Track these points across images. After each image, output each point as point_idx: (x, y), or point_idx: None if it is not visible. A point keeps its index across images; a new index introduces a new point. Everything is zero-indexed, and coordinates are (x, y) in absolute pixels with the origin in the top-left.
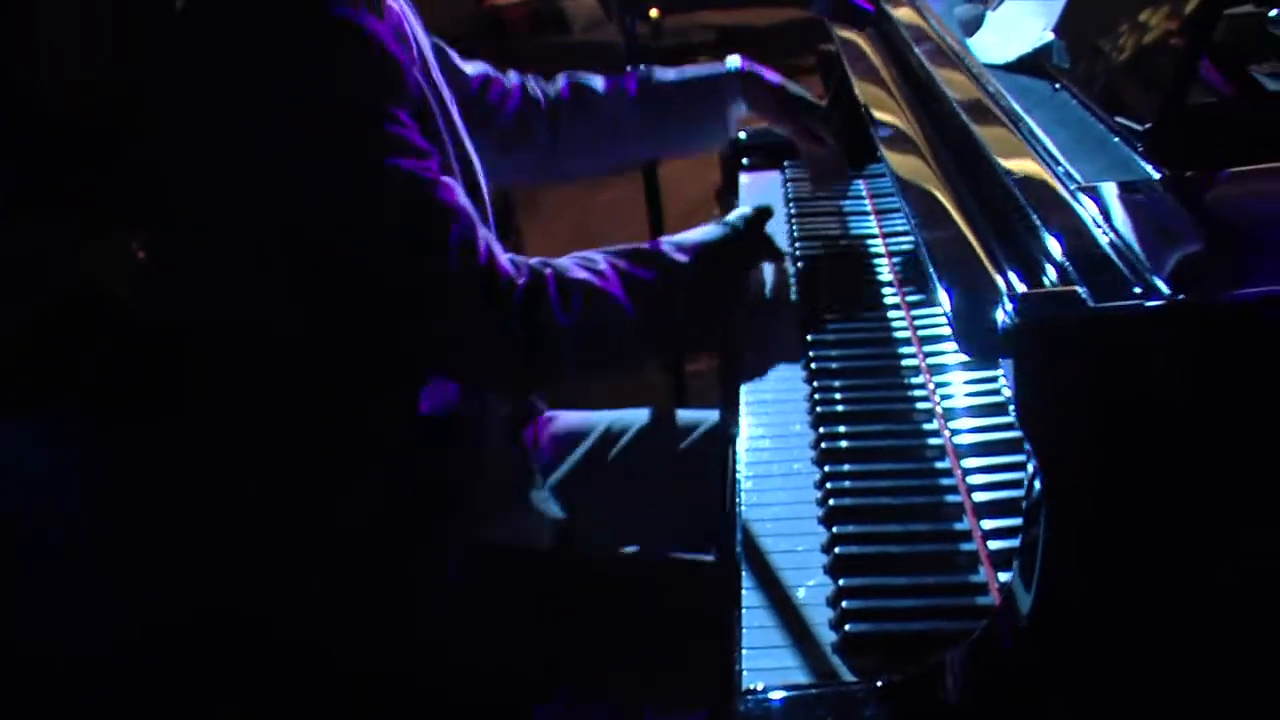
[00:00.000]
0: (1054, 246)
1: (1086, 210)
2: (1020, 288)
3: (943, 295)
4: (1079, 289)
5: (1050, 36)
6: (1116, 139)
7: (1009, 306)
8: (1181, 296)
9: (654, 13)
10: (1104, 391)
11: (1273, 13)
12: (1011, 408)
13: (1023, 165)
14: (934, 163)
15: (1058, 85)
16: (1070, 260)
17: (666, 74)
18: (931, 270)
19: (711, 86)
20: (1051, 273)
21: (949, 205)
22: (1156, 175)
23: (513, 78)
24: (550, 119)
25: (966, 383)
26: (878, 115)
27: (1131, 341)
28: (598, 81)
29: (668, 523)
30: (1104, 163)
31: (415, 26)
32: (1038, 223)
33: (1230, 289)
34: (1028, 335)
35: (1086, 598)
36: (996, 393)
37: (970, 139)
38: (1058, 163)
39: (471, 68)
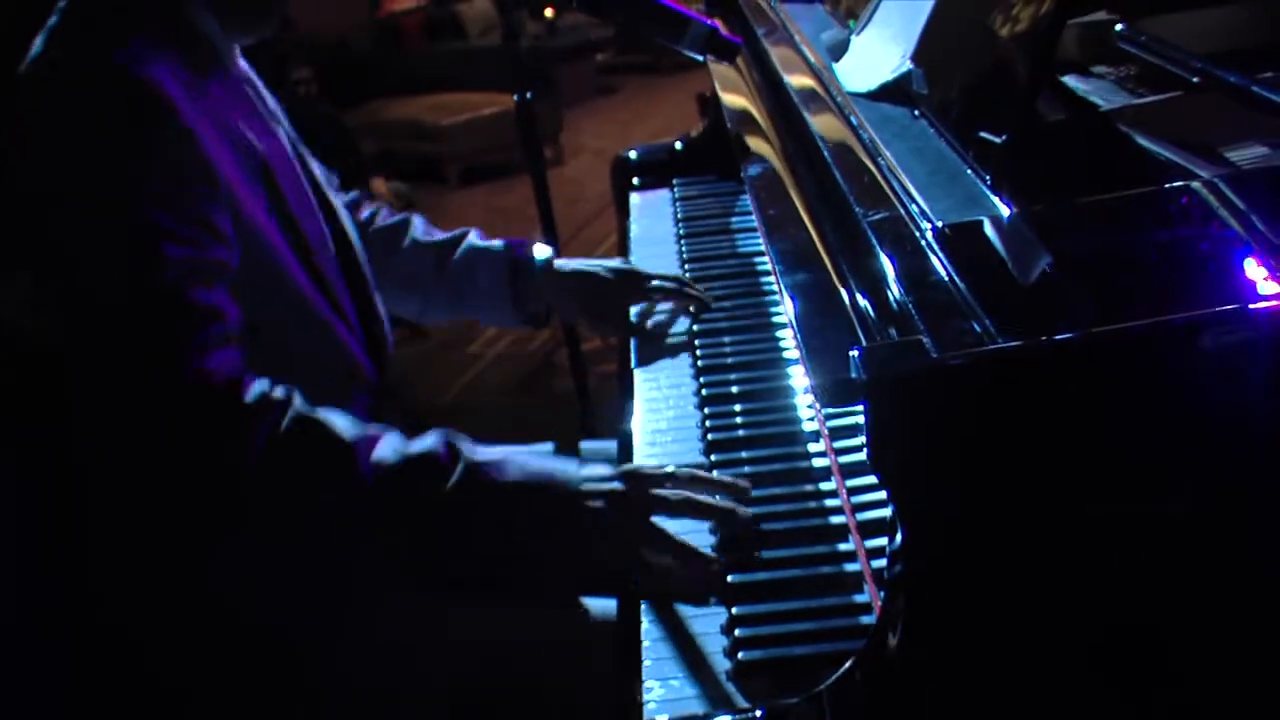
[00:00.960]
0: (905, 293)
1: (938, 253)
2: (867, 340)
3: (801, 349)
4: (923, 338)
5: (909, 65)
6: (970, 170)
7: (855, 358)
8: (1021, 341)
9: (549, 12)
10: (950, 435)
11: (1119, 27)
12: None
13: (880, 205)
14: (803, 206)
15: (917, 112)
16: (918, 308)
17: (474, 248)
18: (792, 321)
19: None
20: (900, 321)
21: (812, 249)
22: (1005, 210)
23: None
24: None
25: None
26: (750, 150)
27: (974, 387)
28: (420, 234)
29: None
30: (958, 198)
31: (262, 109)
32: (891, 268)
33: (1069, 330)
34: (872, 387)
35: (944, 622)
36: None
37: (834, 182)
38: (913, 200)
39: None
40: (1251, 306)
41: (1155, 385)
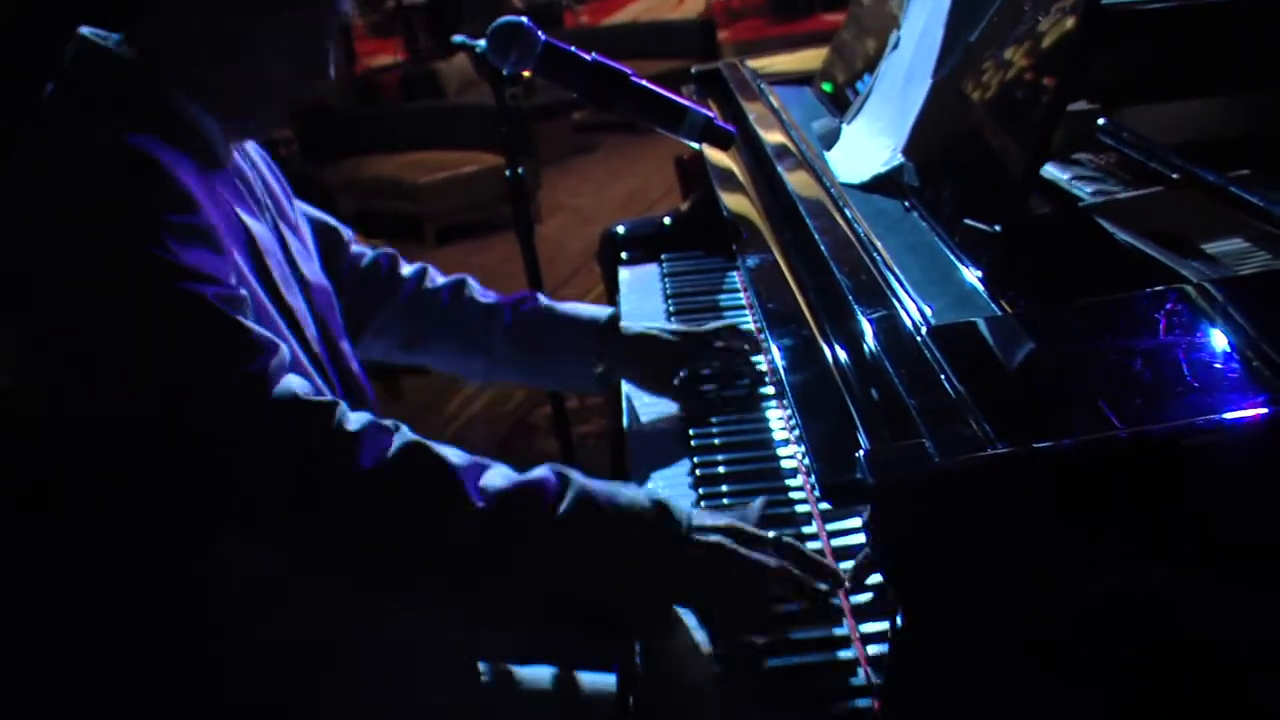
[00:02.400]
0: (906, 393)
1: (935, 354)
2: (870, 443)
3: (806, 449)
4: (925, 442)
5: (901, 159)
6: (962, 267)
7: (861, 461)
8: (1021, 447)
9: (526, 72)
10: (950, 533)
11: (1101, 121)
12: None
13: (877, 303)
14: (803, 301)
15: (908, 204)
16: (919, 410)
17: (541, 309)
18: (796, 420)
19: (578, 332)
20: (901, 422)
21: (815, 348)
22: (998, 310)
23: (407, 268)
24: (428, 315)
25: None
26: (746, 240)
27: (975, 491)
28: (478, 294)
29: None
30: (952, 296)
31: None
32: (890, 368)
33: (1064, 435)
34: (878, 490)
35: (941, 706)
36: None
37: (833, 279)
38: (910, 297)
39: (370, 251)
40: (1232, 416)
41: (1150, 488)
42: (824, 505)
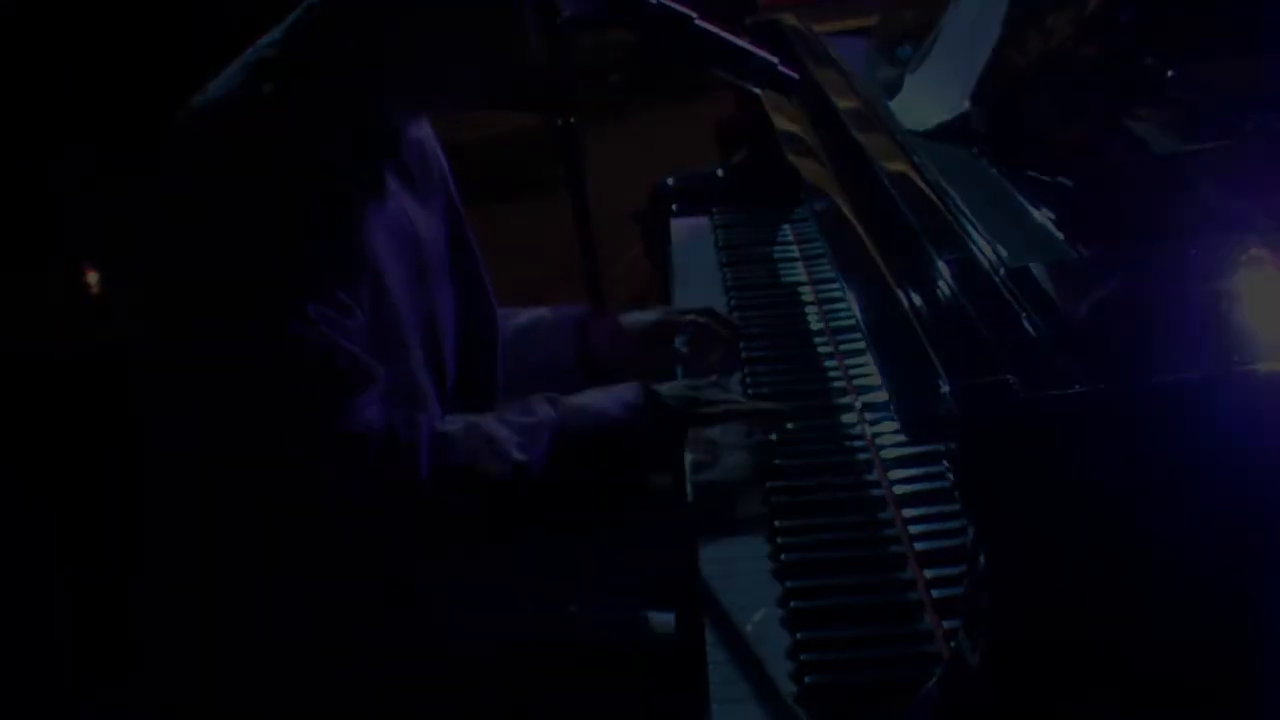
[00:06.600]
0: (988, 331)
1: (1014, 294)
2: (955, 378)
3: (887, 386)
4: (1011, 378)
5: (967, 105)
6: (1035, 212)
7: (946, 397)
8: (1110, 383)
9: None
10: (1036, 472)
11: (1169, 73)
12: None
13: (951, 245)
14: (871, 243)
15: (976, 151)
16: (1002, 347)
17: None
18: (876, 359)
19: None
20: (982, 359)
21: (890, 289)
22: (1074, 253)
23: None
24: None
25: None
26: (811, 184)
27: (1062, 427)
28: None
29: (622, 577)
30: (1024, 239)
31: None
32: (970, 307)
33: (1148, 374)
34: (966, 424)
35: (1031, 658)
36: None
37: (904, 220)
38: (984, 240)
39: None
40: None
41: (1229, 430)
42: (885, 453)
